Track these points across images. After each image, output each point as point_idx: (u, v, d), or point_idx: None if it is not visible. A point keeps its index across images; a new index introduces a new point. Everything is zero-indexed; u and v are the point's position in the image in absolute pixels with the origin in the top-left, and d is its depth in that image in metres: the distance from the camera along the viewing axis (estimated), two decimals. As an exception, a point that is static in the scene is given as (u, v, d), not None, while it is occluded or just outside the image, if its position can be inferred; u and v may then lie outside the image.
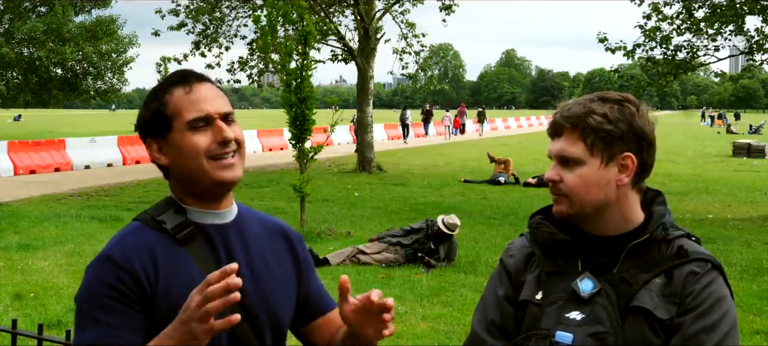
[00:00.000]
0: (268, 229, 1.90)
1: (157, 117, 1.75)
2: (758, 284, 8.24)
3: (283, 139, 28.00)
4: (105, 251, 1.72)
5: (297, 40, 11.00)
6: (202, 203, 1.78)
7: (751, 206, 15.29)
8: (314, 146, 11.02)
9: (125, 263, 1.67)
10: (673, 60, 15.51)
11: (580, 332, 1.67)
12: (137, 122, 1.81)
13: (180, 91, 1.74)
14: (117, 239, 1.75)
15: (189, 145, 1.72)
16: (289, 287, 1.87)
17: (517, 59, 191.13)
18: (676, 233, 1.78)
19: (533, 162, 24.32)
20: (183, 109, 1.73)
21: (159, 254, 1.70)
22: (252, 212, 1.90)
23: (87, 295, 1.68)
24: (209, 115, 1.73)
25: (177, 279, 1.69)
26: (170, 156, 1.76)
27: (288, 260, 1.90)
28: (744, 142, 30.07)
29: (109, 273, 1.66)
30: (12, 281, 7.99)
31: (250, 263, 1.79)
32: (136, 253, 1.69)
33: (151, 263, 1.68)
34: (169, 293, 1.67)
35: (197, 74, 1.79)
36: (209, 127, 1.73)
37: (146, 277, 1.67)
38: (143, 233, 1.74)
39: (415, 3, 23.00)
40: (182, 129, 1.73)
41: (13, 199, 14.74)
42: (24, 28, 29.13)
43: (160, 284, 1.68)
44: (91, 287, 1.68)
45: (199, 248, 1.73)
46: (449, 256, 9.08)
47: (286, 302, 1.85)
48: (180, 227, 1.74)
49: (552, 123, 1.81)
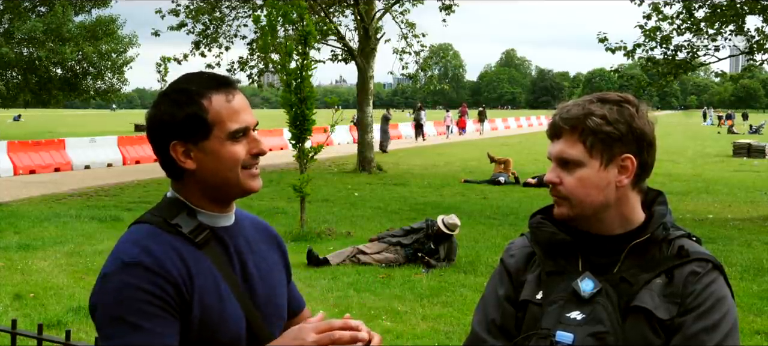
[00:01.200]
0: (260, 229, 1.93)
1: (194, 121, 1.70)
2: (758, 284, 8.23)
3: (283, 139, 28.00)
4: (131, 258, 1.65)
5: (297, 40, 11.00)
6: (217, 207, 1.78)
7: (751, 206, 15.29)
8: (314, 146, 11.02)
9: (161, 269, 1.63)
10: (673, 60, 15.51)
11: (581, 331, 1.67)
12: (158, 122, 1.73)
13: (221, 99, 1.72)
14: (134, 244, 1.68)
15: (228, 155, 1.71)
16: (283, 285, 1.92)
17: (517, 59, 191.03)
18: (677, 233, 1.78)
19: (533, 162, 24.32)
20: (225, 117, 1.71)
21: (187, 258, 1.68)
22: (243, 213, 1.91)
23: (120, 301, 1.61)
24: (248, 127, 1.74)
25: (205, 283, 1.70)
26: (200, 162, 1.72)
27: (279, 259, 1.94)
28: (744, 142, 30.07)
29: (144, 279, 1.62)
30: (12, 281, 7.98)
31: (256, 263, 1.82)
32: (167, 258, 1.66)
33: (184, 269, 1.67)
34: (202, 297, 1.68)
35: (233, 81, 1.78)
36: (245, 138, 1.74)
37: (183, 282, 1.65)
38: (164, 236, 1.70)
39: (415, 3, 23.01)
40: (222, 138, 1.71)
41: (13, 199, 14.74)
42: (24, 28, 29.12)
43: (196, 289, 1.67)
44: (124, 294, 1.61)
45: (214, 251, 1.75)
46: (449, 256, 9.08)
47: (283, 298, 1.90)
48: (196, 230, 1.73)
49: (551, 125, 1.80)
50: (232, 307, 1.71)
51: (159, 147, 1.74)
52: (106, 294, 1.63)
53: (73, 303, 6.98)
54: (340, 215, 13.10)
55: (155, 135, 1.74)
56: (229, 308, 1.71)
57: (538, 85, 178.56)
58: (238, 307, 1.72)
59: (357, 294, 7.60)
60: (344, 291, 7.67)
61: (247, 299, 1.75)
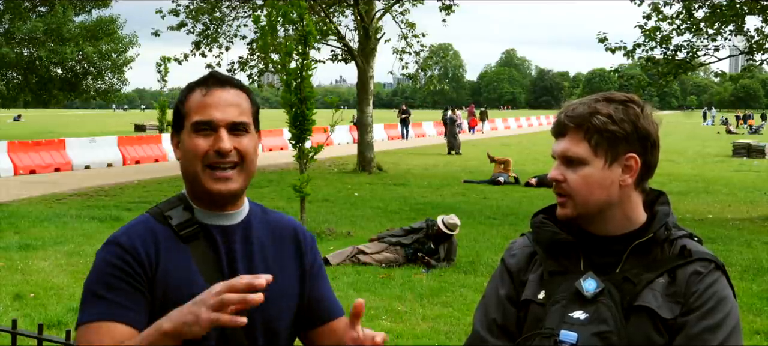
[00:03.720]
0: (276, 232, 1.87)
1: (176, 113, 1.80)
2: (758, 284, 8.24)
3: (283, 139, 27.98)
4: (112, 237, 1.75)
5: (297, 40, 10.99)
6: (203, 205, 1.78)
7: (751, 206, 15.29)
8: (314, 146, 11.02)
9: (130, 247, 1.70)
10: (673, 60, 15.51)
11: (585, 331, 1.67)
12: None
13: (198, 93, 1.76)
14: (125, 227, 1.78)
15: (189, 146, 1.74)
16: (290, 293, 1.84)
17: (517, 59, 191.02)
18: (679, 233, 1.78)
19: (533, 162, 24.32)
20: (193, 110, 1.75)
21: (162, 245, 1.73)
22: (264, 214, 1.88)
23: (94, 276, 1.71)
24: (213, 120, 1.72)
25: (174, 273, 1.70)
26: (181, 153, 1.79)
27: (293, 265, 1.87)
28: (744, 143, 30.08)
29: (114, 255, 1.70)
30: (12, 281, 7.98)
31: (250, 267, 1.77)
32: (140, 240, 1.72)
33: (153, 251, 1.71)
34: (165, 283, 1.69)
35: (222, 78, 1.78)
36: (213, 134, 1.72)
37: (148, 261, 1.70)
38: (150, 224, 1.77)
39: (415, 3, 22.99)
40: (189, 129, 1.74)
41: (13, 199, 14.73)
42: (24, 28, 29.13)
43: (159, 271, 1.70)
44: (97, 269, 1.71)
45: (200, 248, 1.73)
46: (449, 256, 9.08)
47: (284, 306, 1.82)
48: (185, 224, 1.75)
49: (556, 123, 1.80)
50: None
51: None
52: (89, 273, 1.73)
53: (73, 303, 6.97)
54: (340, 215, 13.09)
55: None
56: None
57: (538, 85, 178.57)
58: None
59: (357, 294, 7.60)
60: (344, 291, 7.67)
61: None
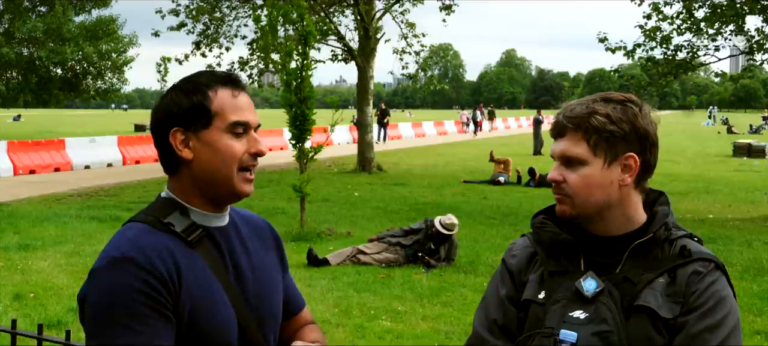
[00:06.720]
0: (256, 227, 1.89)
1: (197, 109, 1.69)
2: (758, 284, 8.23)
3: (283, 139, 27.99)
4: (120, 254, 1.61)
5: (297, 40, 10.99)
6: (209, 206, 1.75)
7: (751, 206, 15.28)
8: (314, 146, 11.02)
9: (150, 265, 1.59)
10: (673, 60, 15.51)
11: (585, 330, 1.67)
12: (163, 110, 1.72)
13: (227, 93, 1.72)
14: (127, 241, 1.64)
15: (226, 148, 1.70)
16: (279, 285, 1.88)
17: (517, 59, 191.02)
18: (679, 233, 1.78)
19: (533, 162, 24.28)
20: (228, 110, 1.71)
21: (179, 257, 1.64)
22: (238, 211, 1.88)
23: (110, 301, 1.57)
24: (250, 123, 1.73)
25: (196, 282, 1.66)
26: (198, 153, 1.70)
27: (275, 258, 1.90)
28: (744, 143, 30.06)
29: (134, 277, 1.57)
30: (12, 281, 7.98)
31: (250, 264, 1.78)
32: (157, 255, 1.61)
33: (173, 266, 1.62)
34: (191, 297, 1.63)
35: (242, 81, 1.78)
36: (245, 136, 1.73)
37: (172, 280, 1.61)
38: (155, 235, 1.66)
39: (415, 3, 23.00)
40: (222, 129, 1.70)
41: (13, 199, 14.72)
42: (24, 28, 29.14)
43: (183, 287, 1.63)
44: (115, 293, 1.57)
45: (208, 251, 1.71)
46: (449, 256, 9.08)
47: (279, 300, 1.86)
48: (189, 229, 1.70)
49: (555, 123, 1.81)
50: (224, 310, 1.67)
51: (160, 136, 1.72)
52: (96, 292, 1.59)
53: (73, 303, 6.96)
54: (340, 215, 13.09)
55: (158, 123, 1.73)
56: (221, 310, 1.67)
57: (538, 85, 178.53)
58: (230, 309, 1.68)
59: (357, 294, 7.59)
60: (344, 291, 7.67)
61: (241, 301, 1.71)
